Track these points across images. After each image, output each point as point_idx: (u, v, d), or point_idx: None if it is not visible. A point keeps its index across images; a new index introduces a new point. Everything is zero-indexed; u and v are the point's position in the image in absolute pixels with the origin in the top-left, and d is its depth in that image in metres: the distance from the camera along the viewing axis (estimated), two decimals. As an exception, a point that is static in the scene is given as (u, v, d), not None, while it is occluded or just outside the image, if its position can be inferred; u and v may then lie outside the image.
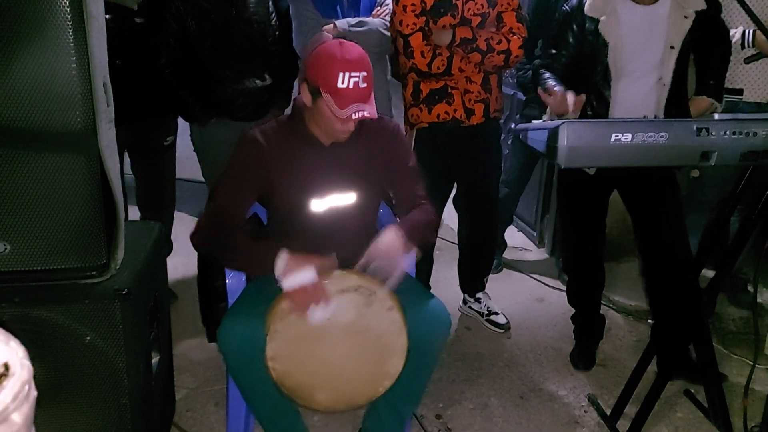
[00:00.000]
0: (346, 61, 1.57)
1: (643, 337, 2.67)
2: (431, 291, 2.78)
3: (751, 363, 2.01)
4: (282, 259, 1.56)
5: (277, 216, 1.86)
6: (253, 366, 1.54)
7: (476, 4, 2.37)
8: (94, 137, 1.41)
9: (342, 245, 1.69)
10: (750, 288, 2.88)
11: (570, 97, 1.98)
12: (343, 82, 1.56)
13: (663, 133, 1.54)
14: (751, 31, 2.47)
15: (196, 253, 2.19)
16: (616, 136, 1.53)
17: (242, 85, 2.57)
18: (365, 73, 1.59)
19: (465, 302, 2.91)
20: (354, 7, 2.65)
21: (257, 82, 2.60)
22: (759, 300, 2.79)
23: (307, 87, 1.65)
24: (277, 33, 2.64)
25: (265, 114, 2.64)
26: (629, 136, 1.53)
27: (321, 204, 1.75)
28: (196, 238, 1.71)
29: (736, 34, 2.50)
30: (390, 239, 1.63)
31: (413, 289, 1.74)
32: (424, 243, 1.76)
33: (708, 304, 1.97)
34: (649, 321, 2.70)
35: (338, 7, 2.63)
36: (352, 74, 1.56)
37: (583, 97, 2.00)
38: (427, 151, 2.48)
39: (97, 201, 1.46)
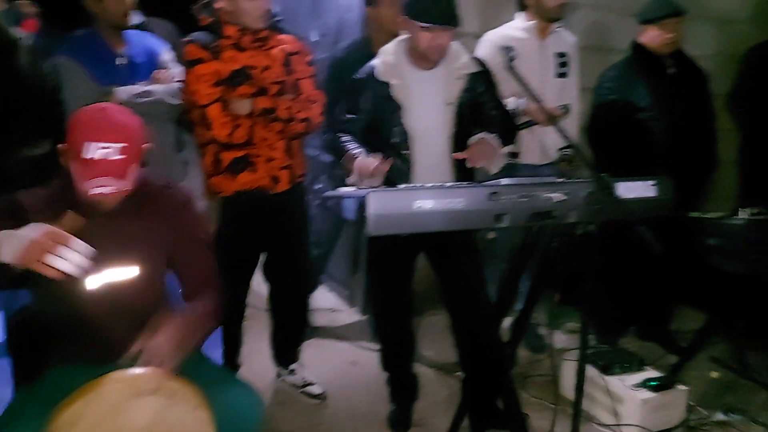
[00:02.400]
0: (99, 129, 1.46)
1: (454, 390, 2.73)
2: (243, 367, 2.63)
3: (551, 404, 2.14)
4: None
5: (43, 295, 1.63)
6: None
7: (273, 72, 2.34)
8: None
9: (128, 323, 1.53)
10: (541, 331, 3.13)
11: (372, 164, 2.00)
12: (88, 152, 1.44)
13: (460, 199, 1.62)
14: (523, 100, 2.76)
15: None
16: (419, 203, 1.57)
17: (20, 154, 2.25)
18: (124, 145, 1.47)
19: (279, 375, 2.78)
20: (133, 72, 2.45)
21: (36, 150, 2.30)
22: (550, 341, 3.03)
23: (65, 149, 1.50)
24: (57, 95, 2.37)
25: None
26: (430, 202, 1.58)
27: (96, 280, 1.57)
28: None
29: (510, 103, 2.77)
30: (161, 342, 1.49)
31: (219, 379, 1.62)
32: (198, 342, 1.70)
33: (509, 356, 2.09)
34: (458, 374, 2.78)
35: (115, 74, 2.41)
36: (102, 145, 1.44)
37: (387, 165, 2.04)
38: (232, 219, 2.37)
39: None
